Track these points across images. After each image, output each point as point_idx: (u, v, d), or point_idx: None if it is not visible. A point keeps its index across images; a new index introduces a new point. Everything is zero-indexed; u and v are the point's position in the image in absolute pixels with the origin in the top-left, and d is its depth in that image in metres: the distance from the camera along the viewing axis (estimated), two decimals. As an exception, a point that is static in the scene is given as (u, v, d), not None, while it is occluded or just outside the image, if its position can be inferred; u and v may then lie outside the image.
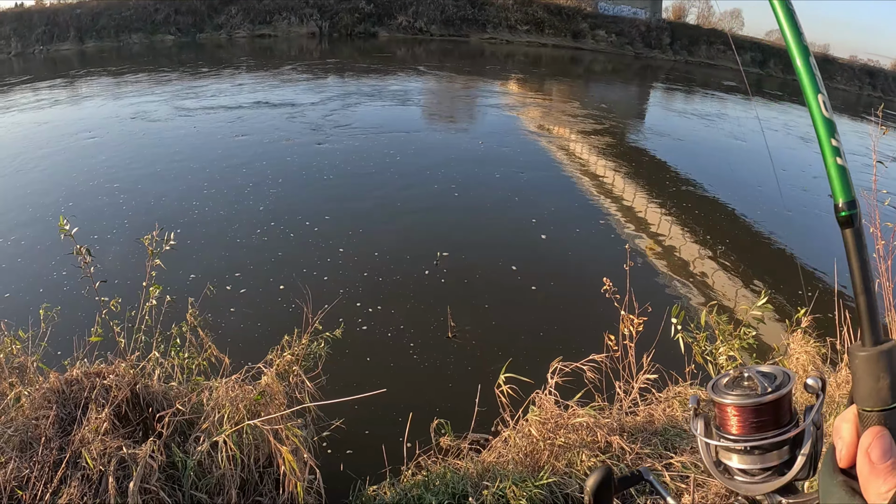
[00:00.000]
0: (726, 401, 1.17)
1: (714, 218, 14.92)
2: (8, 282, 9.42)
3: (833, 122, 1.03)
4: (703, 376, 5.34)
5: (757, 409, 1.15)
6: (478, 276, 10.43)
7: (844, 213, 1.01)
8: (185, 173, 14.90)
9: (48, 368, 4.55)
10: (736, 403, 1.16)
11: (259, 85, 28.39)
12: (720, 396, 1.19)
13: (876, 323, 0.98)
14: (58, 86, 28.50)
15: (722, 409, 1.19)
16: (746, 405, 1.15)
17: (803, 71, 1.05)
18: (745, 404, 1.15)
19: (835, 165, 1.03)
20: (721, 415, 1.21)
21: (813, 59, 1.05)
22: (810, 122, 1.05)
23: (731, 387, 1.20)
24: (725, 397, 1.18)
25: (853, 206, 1.02)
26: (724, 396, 1.19)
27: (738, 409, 1.17)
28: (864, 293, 0.99)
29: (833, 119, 1.03)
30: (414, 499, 4.26)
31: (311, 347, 4.93)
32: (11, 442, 3.84)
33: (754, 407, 1.15)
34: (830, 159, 1.04)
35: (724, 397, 1.18)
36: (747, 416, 1.16)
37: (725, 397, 1.18)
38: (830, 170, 1.04)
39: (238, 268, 10.06)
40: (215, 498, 3.88)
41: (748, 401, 1.15)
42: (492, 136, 20.81)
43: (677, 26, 63.15)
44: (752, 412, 1.16)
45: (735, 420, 1.18)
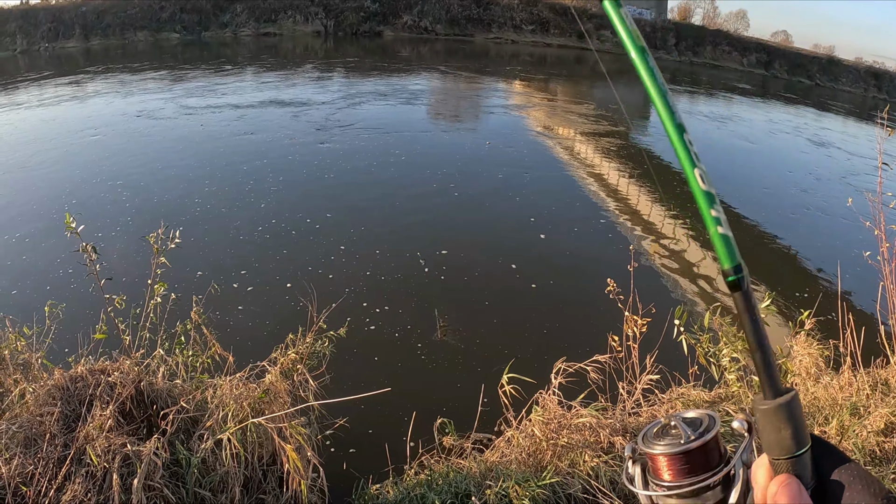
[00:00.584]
0: (655, 451, 1.19)
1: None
2: (14, 279, 9.44)
3: (712, 194, 1.11)
4: (707, 378, 5.35)
5: (685, 456, 1.17)
6: (477, 274, 10.45)
7: (732, 278, 1.08)
8: (190, 171, 14.94)
9: (52, 365, 4.57)
10: (664, 452, 1.18)
11: (264, 83, 28.42)
12: (649, 447, 1.21)
13: (773, 377, 1.04)
14: (63, 83, 28.55)
15: (653, 458, 1.21)
16: (674, 453, 1.17)
17: (679, 148, 1.14)
18: (673, 452, 1.17)
19: (717, 235, 1.11)
20: (653, 464, 1.22)
21: (688, 135, 1.14)
22: (819, 126, 1.08)
23: (659, 436, 1.22)
24: (654, 447, 1.20)
25: (739, 270, 1.08)
26: (653, 447, 1.20)
27: (667, 458, 1.18)
28: (759, 349, 1.04)
29: (711, 191, 1.11)
30: (417, 498, 4.27)
31: (316, 346, 4.93)
32: (16, 438, 3.85)
33: (681, 454, 1.17)
34: (713, 229, 1.10)
35: (654, 448, 1.20)
36: (676, 463, 1.18)
37: (654, 447, 1.20)
38: (714, 239, 1.11)
39: (244, 265, 10.11)
40: (219, 495, 3.89)
41: (675, 449, 1.17)
42: (497, 135, 20.80)
43: (682, 27, 63.07)
44: (680, 459, 1.17)
45: (665, 468, 1.20)
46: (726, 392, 5.52)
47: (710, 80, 48.63)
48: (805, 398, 5.49)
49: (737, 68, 58.19)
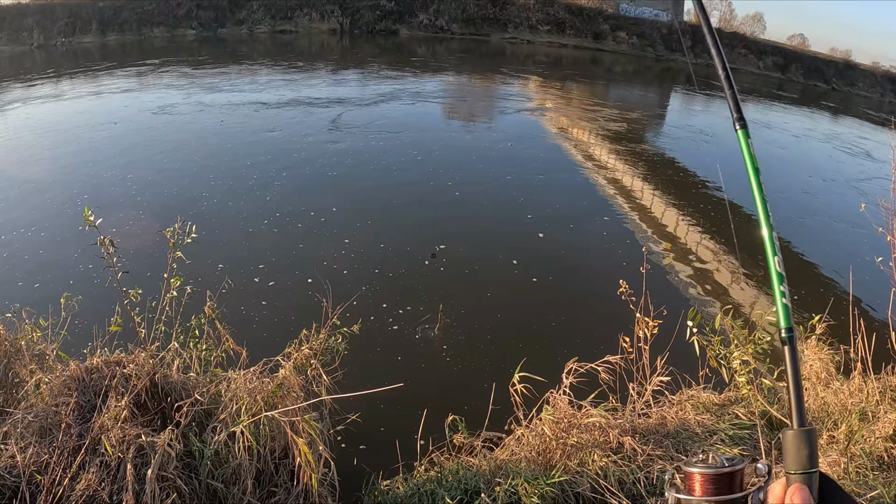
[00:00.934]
0: (694, 470, 1.48)
1: (731, 221, 14.83)
2: (30, 272, 9.53)
3: (783, 275, 1.55)
4: (717, 380, 5.35)
5: (716, 477, 1.46)
6: (492, 274, 10.48)
7: (785, 335, 1.51)
8: (211, 167, 15.00)
9: (67, 357, 4.61)
10: (701, 472, 1.47)
11: (280, 81, 28.52)
12: (689, 466, 1.50)
13: (802, 410, 1.42)
14: (79, 78, 28.71)
15: (690, 476, 1.50)
16: (709, 473, 1.46)
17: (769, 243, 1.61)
18: (708, 472, 1.46)
19: (782, 304, 1.54)
20: (689, 481, 1.51)
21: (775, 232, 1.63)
22: (835, 130, 1.16)
23: (698, 463, 1.51)
24: (693, 468, 1.49)
25: (791, 331, 1.51)
26: (693, 468, 1.49)
27: (703, 476, 1.47)
28: (796, 389, 1.44)
29: (783, 273, 1.55)
30: (427, 494, 4.30)
31: (329, 342, 4.96)
32: (31, 427, 3.90)
33: (714, 475, 1.46)
34: (780, 300, 1.54)
35: (693, 468, 1.49)
36: (707, 482, 1.47)
37: (693, 468, 1.49)
38: (779, 307, 1.54)
39: (262, 260, 10.24)
40: (231, 487, 3.93)
41: (710, 470, 1.46)
42: (512, 136, 20.73)
43: (698, 29, 62.52)
44: (711, 479, 1.46)
45: (699, 485, 1.48)
46: (736, 395, 5.52)
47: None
48: (815, 402, 5.50)
49: (753, 71, 57.86)
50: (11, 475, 3.60)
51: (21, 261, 9.88)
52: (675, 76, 49.93)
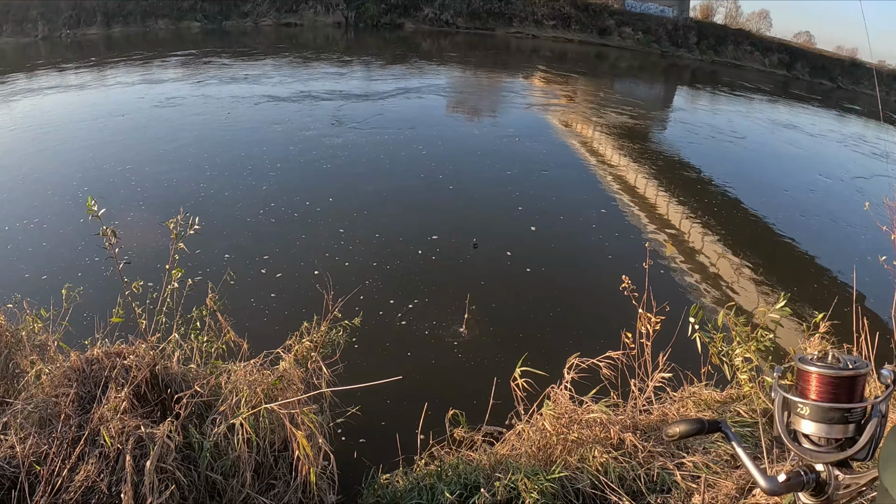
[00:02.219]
0: (811, 369, 1.35)
1: (735, 219, 14.83)
2: (32, 263, 9.53)
3: None
4: (719, 377, 5.33)
5: (836, 381, 1.33)
6: (498, 268, 10.51)
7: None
8: (215, 161, 15.05)
9: (68, 347, 4.61)
10: (820, 372, 1.34)
11: (284, 74, 28.51)
12: (807, 365, 1.38)
13: None
14: (83, 70, 28.69)
15: (806, 376, 1.38)
16: (828, 375, 1.33)
17: None
18: (828, 374, 1.33)
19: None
20: (803, 383, 1.39)
21: None
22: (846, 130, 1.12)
23: (817, 360, 1.38)
24: (811, 366, 1.36)
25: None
26: (810, 366, 1.37)
27: (821, 378, 1.34)
28: None
29: None
30: (426, 488, 4.29)
31: (330, 335, 4.96)
32: (31, 418, 3.90)
33: (834, 378, 1.33)
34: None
35: (810, 366, 1.36)
36: (827, 385, 1.34)
37: (811, 366, 1.36)
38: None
39: (267, 251, 10.32)
40: (230, 480, 3.92)
41: (830, 371, 1.32)
42: (517, 131, 20.72)
43: (704, 25, 62.56)
44: (831, 382, 1.33)
45: (815, 387, 1.35)
46: (738, 393, 5.50)
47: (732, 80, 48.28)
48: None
49: (759, 68, 57.71)
50: (11, 466, 3.60)
51: (24, 253, 9.87)
52: (681, 72, 49.84)
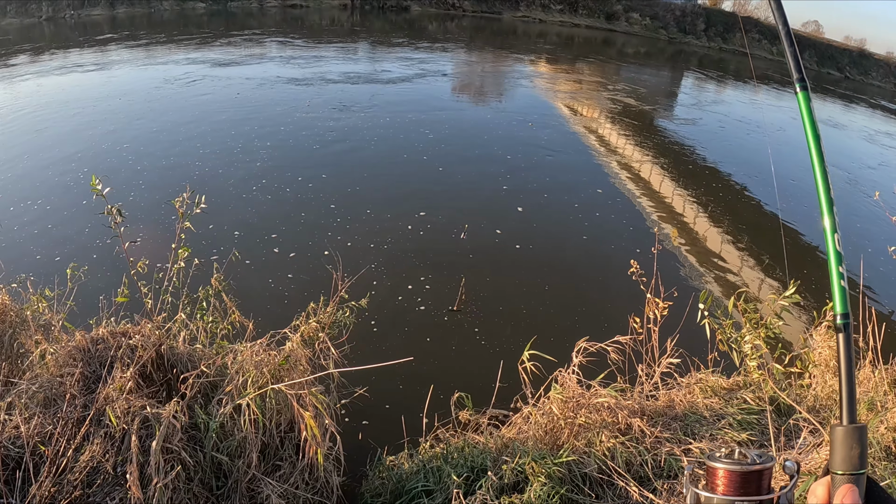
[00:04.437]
0: (718, 465, 1.37)
1: (741, 206, 14.78)
2: (37, 243, 9.51)
3: (842, 254, 1.44)
4: (727, 364, 5.31)
5: (743, 475, 1.35)
6: (503, 250, 10.51)
7: (840, 322, 1.39)
8: (219, 140, 14.98)
9: (73, 327, 4.59)
10: (727, 468, 1.36)
11: (288, 56, 28.38)
12: (714, 461, 1.39)
13: (853, 405, 1.32)
14: (88, 51, 28.60)
15: (713, 472, 1.39)
16: (735, 470, 1.35)
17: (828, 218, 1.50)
18: (734, 469, 1.35)
19: (839, 286, 1.43)
20: (711, 478, 1.40)
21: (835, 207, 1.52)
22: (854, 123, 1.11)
23: (724, 458, 1.39)
24: (718, 462, 1.38)
25: (847, 317, 1.39)
26: (717, 462, 1.38)
27: (728, 473, 1.36)
28: (848, 383, 1.33)
29: (841, 252, 1.45)
30: (433, 470, 4.28)
31: (338, 315, 4.93)
32: (36, 398, 3.89)
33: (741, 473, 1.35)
34: (837, 282, 1.43)
35: (717, 462, 1.38)
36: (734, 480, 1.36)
37: (718, 462, 1.38)
38: (836, 289, 1.43)
39: (275, 229, 10.41)
40: (236, 460, 3.91)
41: (737, 467, 1.35)
42: (523, 115, 20.61)
43: (712, 12, 62.19)
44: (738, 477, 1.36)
45: (722, 482, 1.37)
46: (745, 380, 5.48)
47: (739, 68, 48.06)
48: (823, 390, 5.45)
49: (766, 56, 57.39)
50: (16, 446, 3.59)
51: (30, 234, 9.85)
52: (688, 59, 49.56)
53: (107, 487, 3.58)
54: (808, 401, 5.21)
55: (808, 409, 4.80)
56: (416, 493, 4.21)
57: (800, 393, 5.47)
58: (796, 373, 5.62)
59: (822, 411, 5.00)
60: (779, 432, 4.46)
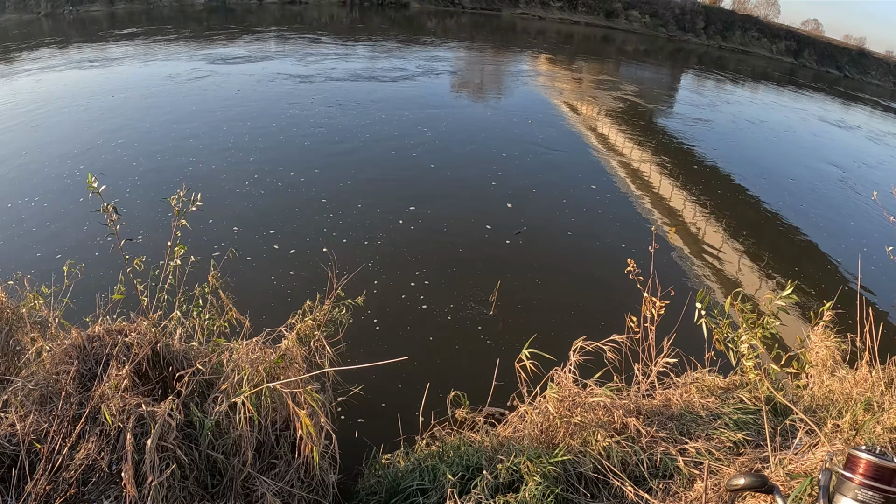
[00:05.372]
0: (861, 455, 1.63)
1: (740, 205, 14.79)
2: (34, 241, 9.50)
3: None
4: (723, 363, 5.31)
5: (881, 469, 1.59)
6: (504, 250, 10.51)
7: None
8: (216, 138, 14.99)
9: (69, 324, 4.59)
10: (869, 459, 1.62)
11: (287, 53, 28.41)
12: (858, 451, 1.65)
13: None
14: (86, 46, 28.57)
15: (855, 460, 1.65)
16: (874, 462, 1.60)
17: None
18: (874, 461, 1.61)
19: None
20: (852, 464, 1.65)
21: None
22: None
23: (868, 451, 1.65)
24: (863, 453, 1.63)
25: None
26: (862, 452, 1.63)
27: (868, 464, 1.61)
28: None
29: None
30: (428, 469, 4.28)
31: (333, 313, 4.93)
32: (31, 396, 3.88)
33: (879, 466, 1.59)
34: None
35: (862, 453, 1.63)
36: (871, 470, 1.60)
37: (863, 453, 1.63)
38: None
39: (273, 225, 10.44)
40: (231, 458, 3.90)
41: (880, 460, 1.60)
42: (522, 113, 20.64)
43: (712, 10, 62.31)
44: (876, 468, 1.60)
45: (862, 470, 1.63)
46: (742, 380, 5.48)
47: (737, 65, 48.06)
48: (820, 390, 5.46)
49: (766, 55, 57.47)
50: (11, 444, 3.58)
51: (28, 231, 9.84)
52: (687, 56, 49.57)
53: (102, 485, 3.57)
54: (804, 401, 5.22)
55: (805, 410, 4.80)
56: (411, 491, 4.21)
57: (796, 393, 5.48)
58: (793, 373, 5.63)
59: (819, 412, 5.00)
60: (775, 432, 4.46)
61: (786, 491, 3.54)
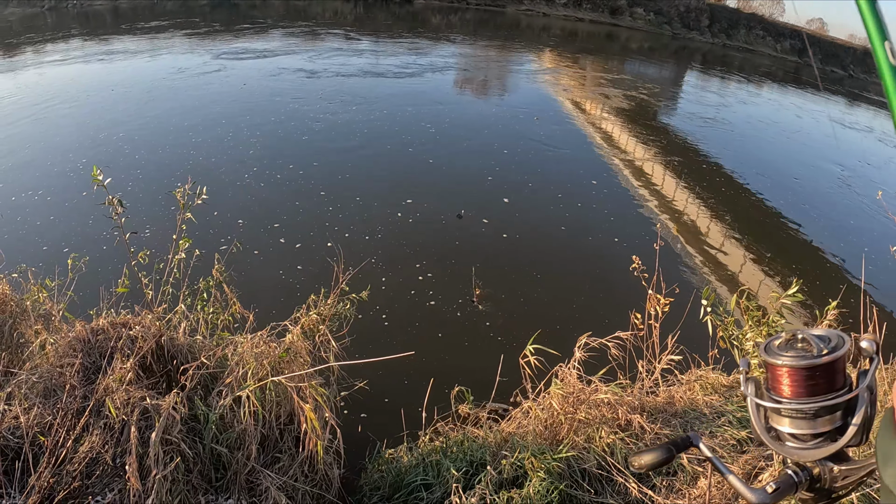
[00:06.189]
0: (779, 362, 1.15)
1: (743, 203, 14.76)
2: (39, 233, 9.50)
3: None
4: (727, 361, 5.31)
5: (810, 372, 1.13)
6: (510, 242, 10.58)
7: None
8: (219, 130, 14.98)
9: (73, 317, 4.58)
10: (789, 365, 1.14)
11: (292, 49, 28.35)
12: (773, 357, 1.17)
13: None
14: (90, 40, 28.56)
15: (774, 370, 1.17)
16: (799, 367, 1.13)
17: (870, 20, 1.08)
18: (799, 366, 1.13)
19: None
20: (773, 377, 1.18)
21: None
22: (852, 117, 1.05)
23: (784, 348, 1.18)
24: (779, 358, 1.15)
25: None
26: (777, 357, 1.16)
27: (791, 371, 1.14)
28: None
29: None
30: (432, 464, 4.27)
31: (338, 308, 4.92)
32: (35, 388, 3.88)
33: (807, 368, 1.12)
34: None
35: (778, 358, 1.16)
36: (800, 379, 1.14)
37: (779, 358, 1.15)
38: None
39: (279, 220, 10.45)
40: (235, 452, 3.90)
41: (802, 362, 1.12)
42: (525, 110, 20.61)
43: (717, 8, 62.15)
44: (804, 374, 1.13)
45: (787, 382, 1.15)
46: (747, 377, 5.46)
47: (741, 64, 47.96)
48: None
49: (770, 53, 57.32)
50: (15, 436, 3.58)
51: (32, 225, 9.83)
52: (692, 55, 49.45)
53: (106, 478, 3.58)
54: (808, 399, 5.19)
55: (809, 408, 4.77)
56: (415, 486, 4.20)
57: (800, 391, 5.45)
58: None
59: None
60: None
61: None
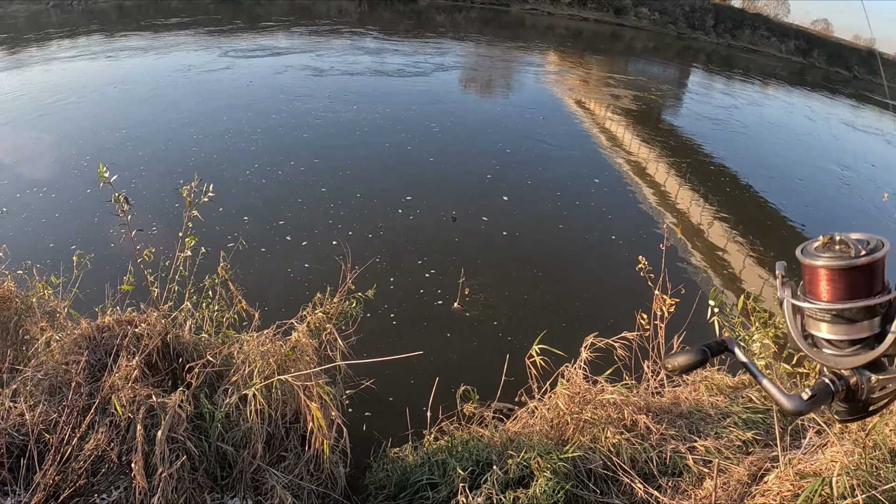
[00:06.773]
0: (818, 263, 1.12)
1: (747, 205, 14.74)
2: (45, 231, 9.51)
3: None
4: (732, 363, 5.29)
5: (849, 273, 1.10)
6: (511, 243, 10.59)
7: None
8: (224, 128, 15.01)
9: (78, 314, 4.58)
10: (827, 266, 1.11)
11: (296, 46, 28.39)
12: (811, 259, 1.14)
13: None
14: (94, 38, 28.57)
15: (812, 272, 1.14)
16: (838, 267, 1.10)
17: None
18: (837, 266, 1.10)
19: None
20: (811, 279, 1.15)
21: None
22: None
23: (822, 250, 1.14)
24: (817, 259, 1.12)
25: None
26: (815, 259, 1.13)
27: (830, 272, 1.11)
28: None
29: None
30: (437, 464, 4.26)
31: (344, 306, 4.91)
32: (41, 386, 3.88)
33: (846, 269, 1.10)
34: None
35: (816, 259, 1.13)
36: (838, 280, 1.11)
37: (817, 259, 1.12)
38: None
39: (284, 217, 10.50)
40: (241, 451, 3.90)
41: (840, 262, 1.09)
42: (529, 109, 20.61)
43: (722, 8, 62.07)
44: (843, 276, 1.10)
45: (825, 284, 1.12)
46: (751, 379, 5.45)
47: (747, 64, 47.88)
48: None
49: (775, 54, 57.23)
50: (20, 433, 3.58)
51: (38, 223, 9.83)
52: (696, 55, 49.37)
53: (111, 476, 3.57)
54: (814, 401, 5.18)
55: (815, 410, 4.76)
56: (420, 485, 4.19)
57: (806, 393, 5.44)
58: (803, 373, 5.60)
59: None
60: (784, 432, 4.43)
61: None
